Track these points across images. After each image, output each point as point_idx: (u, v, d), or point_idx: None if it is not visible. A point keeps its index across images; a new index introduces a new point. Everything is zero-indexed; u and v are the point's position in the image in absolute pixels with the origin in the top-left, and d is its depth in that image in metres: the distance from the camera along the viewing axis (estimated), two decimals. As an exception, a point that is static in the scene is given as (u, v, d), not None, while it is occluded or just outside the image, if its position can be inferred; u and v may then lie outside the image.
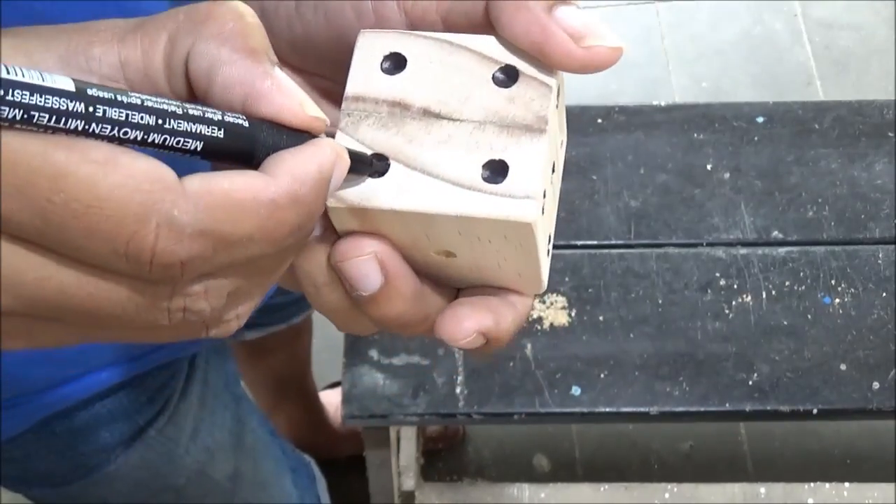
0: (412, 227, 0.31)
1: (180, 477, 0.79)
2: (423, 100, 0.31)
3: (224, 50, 0.28)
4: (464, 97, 0.31)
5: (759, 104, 1.17)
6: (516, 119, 0.30)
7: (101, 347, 0.65)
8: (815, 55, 1.97)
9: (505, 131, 0.30)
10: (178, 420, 0.75)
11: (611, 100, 1.66)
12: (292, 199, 0.27)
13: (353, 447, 1.27)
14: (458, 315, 0.33)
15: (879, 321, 1.02)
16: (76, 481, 0.73)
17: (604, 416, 0.99)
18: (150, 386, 0.72)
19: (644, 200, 1.10)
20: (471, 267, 0.33)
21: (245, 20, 0.28)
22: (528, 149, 0.30)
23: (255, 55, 0.28)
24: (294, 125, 0.28)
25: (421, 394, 0.99)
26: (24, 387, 0.63)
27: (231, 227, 0.26)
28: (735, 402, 0.98)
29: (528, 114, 0.30)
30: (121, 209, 0.24)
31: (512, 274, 0.33)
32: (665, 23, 2.02)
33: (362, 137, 0.31)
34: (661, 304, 1.03)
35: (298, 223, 0.28)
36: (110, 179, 0.24)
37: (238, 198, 0.26)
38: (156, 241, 0.25)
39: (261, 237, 0.27)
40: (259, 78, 0.28)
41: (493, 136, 0.30)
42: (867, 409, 0.98)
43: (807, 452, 1.53)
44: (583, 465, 1.53)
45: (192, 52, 0.28)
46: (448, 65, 0.31)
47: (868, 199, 1.09)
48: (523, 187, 0.30)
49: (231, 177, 0.26)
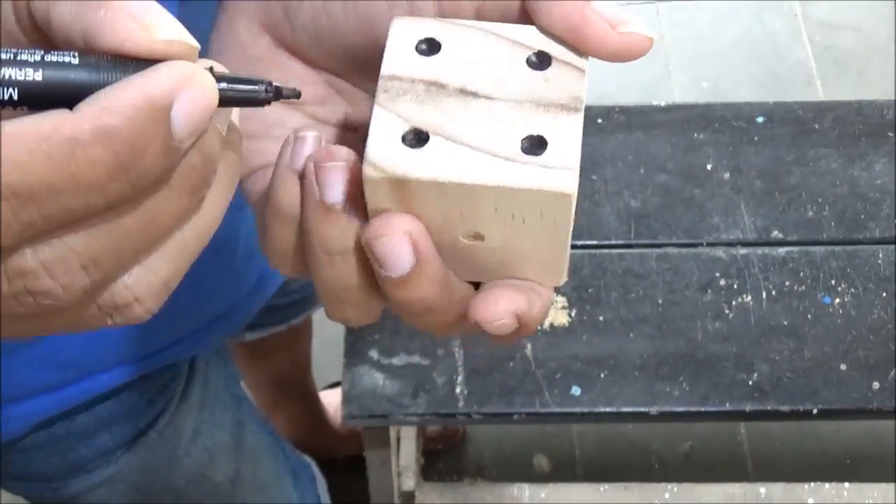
0: (449, 202, 0.30)
1: (181, 479, 0.79)
2: (460, 80, 0.31)
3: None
4: (499, 78, 0.31)
5: (759, 104, 1.17)
6: (552, 99, 0.31)
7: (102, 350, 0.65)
8: (815, 55, 1.97)
9: (541, 109, 0.31)
10: (179, 422, 0.75)
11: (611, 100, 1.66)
12: (99, 134, 0.23)
13: (353, 447, 1.27)
14: (493, 295, 0.32)
15: (879, 321, 1.02)
16: (77, 483, 0.73)
17: (604, 416, 0.99)
18: (150, 388, 0.72)
19: (644, 200, 1.10)
20: (498, 252, 0.33)
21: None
22: (565, 125, 0.30)
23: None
24: (137, 55, 0.24)
25: (421, 394, 0.99)
26: (25, 389, 0.63)
27: (18, 177, 0.23)
28: (735, 402, 0.98)
29: (564, 94, 0.31)
30: None
31: (536, 262, 0.33)
32: (665, 23, 2.02)
33: (400, 111, 0.31)
34: (661, 304, 1.03)
35: (119, 161, 0.24)
36: None
37: (23, 141, 0.23)
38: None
39: (66, 183, 0.23)
40: (92, 9, 0.24)
41: (530, 113, 0.30)
42: (867, 409, 0.98)
43: (807, 452, 1.53)
44: (583, 465, 1.53)
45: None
46: (482, 49, 0.32)
47: (868, 199, 1.09)
48: (562, 160, 0.30)
49: (20, 121, 0.23)
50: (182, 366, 0.75)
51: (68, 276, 0.25)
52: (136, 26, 0.24)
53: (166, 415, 0.74)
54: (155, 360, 0.69)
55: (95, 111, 0.23)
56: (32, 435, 0.67)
